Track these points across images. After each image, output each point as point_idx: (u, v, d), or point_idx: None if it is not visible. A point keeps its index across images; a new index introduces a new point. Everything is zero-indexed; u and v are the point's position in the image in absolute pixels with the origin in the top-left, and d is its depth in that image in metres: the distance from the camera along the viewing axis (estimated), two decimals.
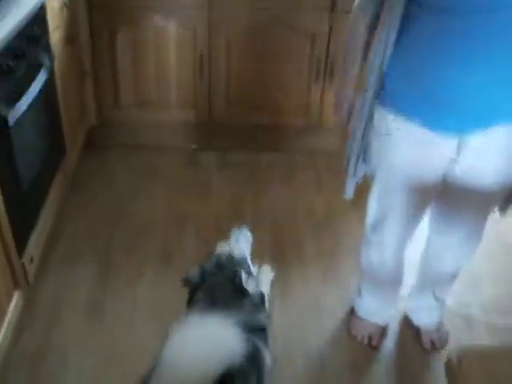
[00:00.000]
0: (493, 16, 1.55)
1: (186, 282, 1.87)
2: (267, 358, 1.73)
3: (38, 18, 2.40)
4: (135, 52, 3.21)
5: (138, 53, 3.22)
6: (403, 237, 2.16)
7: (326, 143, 3.53)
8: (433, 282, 2.37)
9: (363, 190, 2.15)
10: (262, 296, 1.91)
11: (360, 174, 2.05)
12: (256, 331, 1.73)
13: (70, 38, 2.91)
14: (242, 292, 1.81)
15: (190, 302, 1.84)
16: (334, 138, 3.49)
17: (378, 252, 2.22)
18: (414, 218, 2.09)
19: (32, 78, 2.28)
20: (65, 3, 2.78)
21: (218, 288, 1.82)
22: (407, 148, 1.85)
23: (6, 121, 2.04)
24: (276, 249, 2.88)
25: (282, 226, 3.04)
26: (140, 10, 3.10)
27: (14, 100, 2.11)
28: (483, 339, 2.48)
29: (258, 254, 2.55)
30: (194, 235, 2.94)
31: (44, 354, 2.27)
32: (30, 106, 2.22)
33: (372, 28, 1.85)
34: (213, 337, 1.29)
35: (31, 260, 2.37)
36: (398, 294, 2.43)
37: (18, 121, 2.12)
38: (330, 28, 3.15)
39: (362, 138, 1.94)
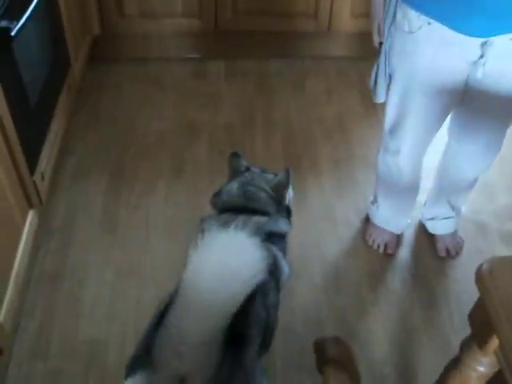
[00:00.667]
0: None
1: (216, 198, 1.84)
2: (286, 267, 1.72)
3: None
4: None
5: None
6: (421, 143, 2.11)
7: (336, 48, 3.45)
8: (450, 190, 2.35)
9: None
10: (288, 205, 1.89)
11: (385, 76, 1.98)
12: (276, 239, 1.71)
13: None
14: (278, 201, 1.81)
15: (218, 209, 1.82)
16: (344, 43, 3.40)
17: (395, 158, 2.17)
18: (433, 123, 2.03)
19: None
20: None
21: (252, 197, 1.79)
22: (429, 48, 1.78)
23: (9, 31, 1.95)
24: (290, 157, 2.85)
25: (295, 134, 2.99)
26: None
27: (16, 10, 2.01)
28: (497, 246, 2.50)
29: (272, 162, 2.54)
30: (206, 145, 2.90)
31: (62, 270, 2.28)
32: (32, 16, 2.11)
33: None
34: (238, 254, 1.24)
35: (42, 178, 2.33)
36: (414, 201, 2.41)
37: (21, 31, 2.02)
38: None
39: (387, 38, 1.87)
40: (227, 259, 1.20)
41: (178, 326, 1.18)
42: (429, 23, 1.71)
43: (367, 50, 3.33)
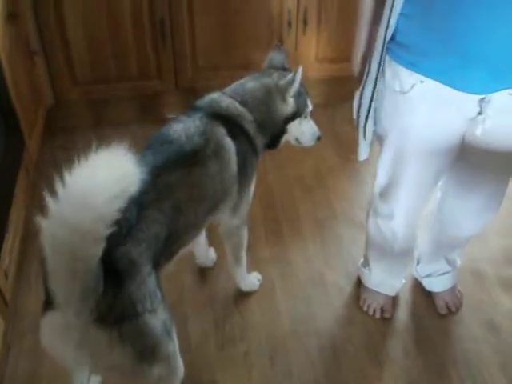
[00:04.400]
0: None
1: None
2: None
3: None
4: (86, 22, 2.90)
5: (90, 23, 2.91)
6: (417, 206, 1.98)
7: None
8: (446, 247, 2.23)
9: (350, 146, 1.96)
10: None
11: (369, 134, 1.84)
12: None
13: (11, 16, 2.59)
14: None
15: None
16: (311, 90, 3.25)
17: (388, 223, 2.04)
18: (430, 185, 1.91)
19: None
20: None
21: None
22: (424, 107, 1.65)
23: None
24: (270, 222, 2.70)
25: (273, 196, 2.84)
26: None
27: None
28: (497, 293, 2.38)
29: (252, 225, 2.36)
30: None
31: (37, 373, 2.05)
32: None
33: None
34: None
35: (6, 276, 2.13)
36: (409, 262, 2.28)
37: None
38: None
39: (372, 94, 1.73)
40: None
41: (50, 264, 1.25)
42: (422, 81, 1.59)
43: (336, 95, 3.27)
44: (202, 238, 2.28)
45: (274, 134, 2.01)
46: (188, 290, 2.37)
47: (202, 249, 2.38)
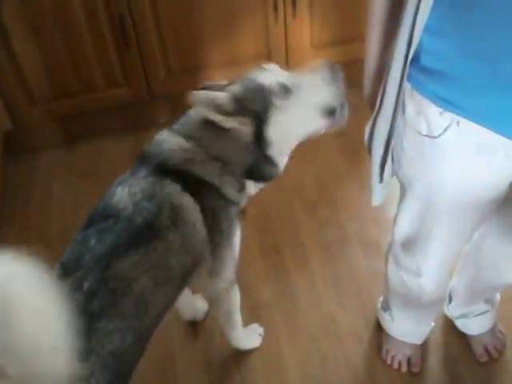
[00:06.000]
0: None
1: None
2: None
3: None
4: (34, 31, 2.46)
5: (37, 27, 2.46)
6: (450, 262, 1.59)
7: None
8: (484, 292, 1.84)
9: (359, 147, 1.53)
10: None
11: (387, 177, 1.42)
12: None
13: None
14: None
15: None
16: None
17: (413, 278, 1.64)
18: (465, 238, 1.53)
19: None
20: None
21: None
22: (461, 157, 1.22)
23: None
24: (268, 251, 2.30)
25: (270, 216, 2.42)
26: None
27: None
28: None
29: (246, 264, 1.99)
30: None
31: None
32: None
33: None
34: None
35: None
36: (439, 309, 1.89)
37: None
38: None
39: (388, 134, 1.30)
40: None
41: None
42: (458, 123, 1.16)
43: None
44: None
45: (252, 163, 1.52)
46: (178, 348, 2.02)
47: (185, 302, 1.99)
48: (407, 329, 1.89)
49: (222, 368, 1.96)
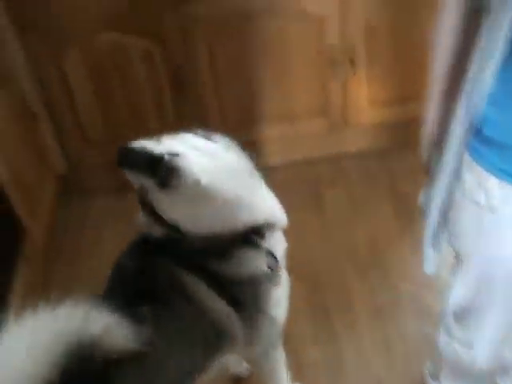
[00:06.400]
0: None
1: None
2: None
3: None
4: (93, 76, 2.50)
5: (97, 77, 2.51)
6: (503, 333, 1.47)
7: (355, 144, 2.82)
8: None
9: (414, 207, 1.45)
10: None
11: (441, 245, 1.37)
12: None
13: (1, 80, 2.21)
14: None
15: None
16: (368, 139, 2.78)
17: (466, 350, 1.53)
18: None
19: None
20: None
21: None
22: None
23: None
24: (315, 310, 2.21)
25: (320, 275, 2.34)
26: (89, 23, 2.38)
27: None
28: None
29: (294, 320, 1.90)
30: None
31: None
32: None
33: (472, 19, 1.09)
34: None
35: None
36: (493, 381, 1.76)
37: None
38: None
39: (444, 203, 1.26)
40: None
41: None
42: None
43: (393, 142, 2.78)
44: None
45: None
46: None
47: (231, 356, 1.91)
48: None
49: None
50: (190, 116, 2.61)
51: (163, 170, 1.24)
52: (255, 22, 2.44)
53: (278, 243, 1.50)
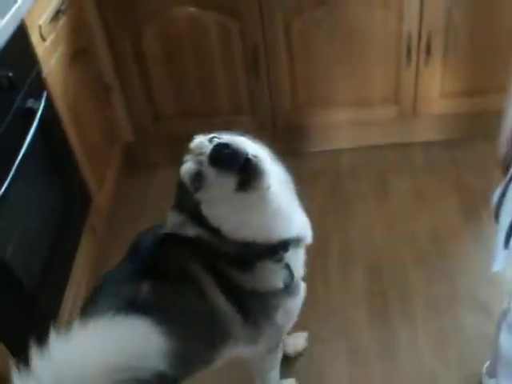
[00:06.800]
0: None
1: None
2: None
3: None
4: (168, 51, 2.54)
5: (172, 52, 2.55)
6: None
7: (423, 134, 2.79)
8: None
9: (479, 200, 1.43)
10: None
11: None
12: None
13: (78, 53, 2.28)
14: None
15: None
16: (436, 129, 2.74)
17: None
18: None
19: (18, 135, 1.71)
20: (59, 11, 2.12)
21: None
22: None
23: None
24: (374, 295, 2.22)
25: (380, 262, 2.34)
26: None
27: None
28: None
29: (349, 305, 1.90)
30: None
31: None
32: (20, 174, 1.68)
33: None
34: None
35: None
36: None
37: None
38: None
39: None
40: None
41: None
42: None
43: (461, 132, 2.73)
44: None
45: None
46: None
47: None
48: None
49: None
50: (262, 98, 2.64)
51: (251, 171, 1.23)
52: (337, 7, 2.43)
53: (299, 258, 1.50)
